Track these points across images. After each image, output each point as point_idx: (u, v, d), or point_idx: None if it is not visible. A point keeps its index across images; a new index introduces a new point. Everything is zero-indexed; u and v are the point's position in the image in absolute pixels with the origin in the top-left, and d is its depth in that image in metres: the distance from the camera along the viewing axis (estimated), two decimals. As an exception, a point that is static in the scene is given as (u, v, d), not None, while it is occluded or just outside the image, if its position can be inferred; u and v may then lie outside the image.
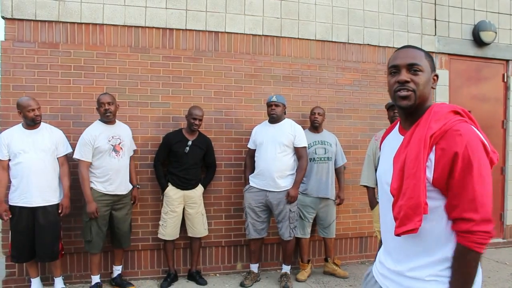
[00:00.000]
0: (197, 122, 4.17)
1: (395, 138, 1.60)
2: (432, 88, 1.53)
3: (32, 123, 3.69)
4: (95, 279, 3.98)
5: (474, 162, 1.33)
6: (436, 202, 1.40)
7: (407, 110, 1.51)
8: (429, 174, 1.39)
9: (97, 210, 3.81)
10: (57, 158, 3.81)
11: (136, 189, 4.21)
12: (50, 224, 3.71)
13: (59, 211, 3.78)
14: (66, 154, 3.88)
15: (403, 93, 1.47)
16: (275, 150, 4.18)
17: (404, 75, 1.48)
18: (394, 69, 1.52)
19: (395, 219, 1.45)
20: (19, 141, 3.66)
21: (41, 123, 3.80)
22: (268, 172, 4.17)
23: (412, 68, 1.48)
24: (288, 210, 4.19)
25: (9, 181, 3.71)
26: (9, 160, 3.67)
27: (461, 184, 1.35)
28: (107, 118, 3.87)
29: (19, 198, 3.64)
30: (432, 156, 1.39)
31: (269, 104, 4.26)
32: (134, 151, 4.24)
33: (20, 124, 3.76)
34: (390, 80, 1.53)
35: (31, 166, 3.62)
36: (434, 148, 1.39)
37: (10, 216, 3.67)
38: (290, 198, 4.15)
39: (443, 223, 1.42)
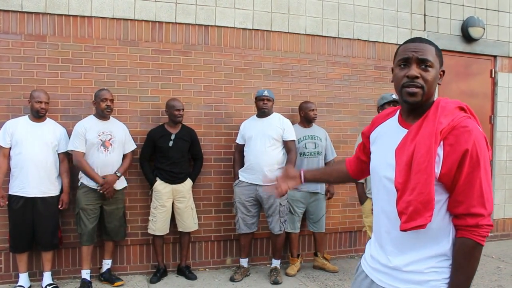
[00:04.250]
0: (181, 112, 4.17)
1: (396, 131, 1.54)
2: (438, 84, 1.50)
3: (36, 115, 3.79)
4: (84, 273, 3.96)
5: (481, 158, 1.34)
6: (437, 197, 1.38)
7: (413, 106, 1.47)
8: (437, 169, 1.37)
9: (106, 182, 3.87)
10: (58, 154, 3.91)
11: (114, 175, 3.97)
12: (50, 213, 3.81)
13: (59, 206, 3.88)
14: (67, 152, 3.95)
15: (412, 89, 1.42)
16: (264, 144, 4.18)
17: (415, 70, 1.42)
18: (403, 62, 1.46)
19: (401, 214, 1.41)
20: (23, 131, 3.75)
21: (47, 118, 3.91)
22: (258, 166, 4.16)
23: (423, 63, 1.43)
24: (278, 204, 4.20)
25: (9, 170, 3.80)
26: (10, 148, 3.77)
27: (469, 180, 1.35)
28: (106, 113, 3.93)
29: (18, 187, 3.72)
30: (440, 151, 1.37)
31: (261, 98, 4.25)
32: (133, 150, 4.19)
33: (27, 116, 3.86)
34: (398, 73, 1.47)
35: (32, 157, 3.72)
36: (442, 143, 1.37)
37: (7, 203, 3.76)
38: None
39: (441, 218, 1.42)
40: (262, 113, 4.28)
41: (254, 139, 4.22)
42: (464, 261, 1.38)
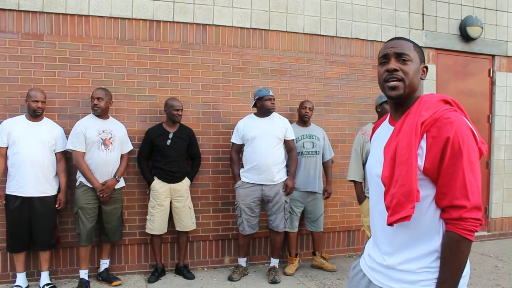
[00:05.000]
0: (180, 112, 4.18)
1: (385, 130, 1.59)
2: (421, 79, 1.53)
3: (33, 114, 3.79)
4: (82, 273, 3.95)
5: (463, 149, 1.33)
6: (425, 191, 1.39)
7: (397, 100, 1.51)
8: (420, 162, 1.38)
9: (106, 186, 3.89)
10: (55, 153, 3.90)
11: (114, 179, 3.99)
12: (47, 212, 3.82)
13: (56, 205, 3.87)
14: (64, 151, 3.96)
15: (392, 83, 1.47)
16: (270, 144, 4.16)
17: (393, 64, 1.48)
18: (383, 59, 1.52)
19: (387, 208, 1.43)
20: (20, 130, 3.74)
21: (44, 118, 3.91)
22: (265, 166, 4.14)
23: (401, 57, 1.48)
24: (283, 201, 4.23)
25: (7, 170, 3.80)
26: (7, 148, 3.77)
27: (451, 171, 1.34)
28: (95, 112, 3.92)
29: (15, 187, 3.71)
30: (423, 144, 1.38)
31: (269, 98, 4.19)
32: (130, 151, 4.19)
33: (24, 115, 3.85)
34: (379, 70, 1.53)
35: (29, 156, 3.71)
36: (425, 136, 1.39)
37: (4, 202, 3.75)
38: (289, 189, 4.21)
39: (431, 213, 1.41)
40: (268, 112, 4.25)
41: (259, 139, 4.18)
42: (450, 255, 1.36)
